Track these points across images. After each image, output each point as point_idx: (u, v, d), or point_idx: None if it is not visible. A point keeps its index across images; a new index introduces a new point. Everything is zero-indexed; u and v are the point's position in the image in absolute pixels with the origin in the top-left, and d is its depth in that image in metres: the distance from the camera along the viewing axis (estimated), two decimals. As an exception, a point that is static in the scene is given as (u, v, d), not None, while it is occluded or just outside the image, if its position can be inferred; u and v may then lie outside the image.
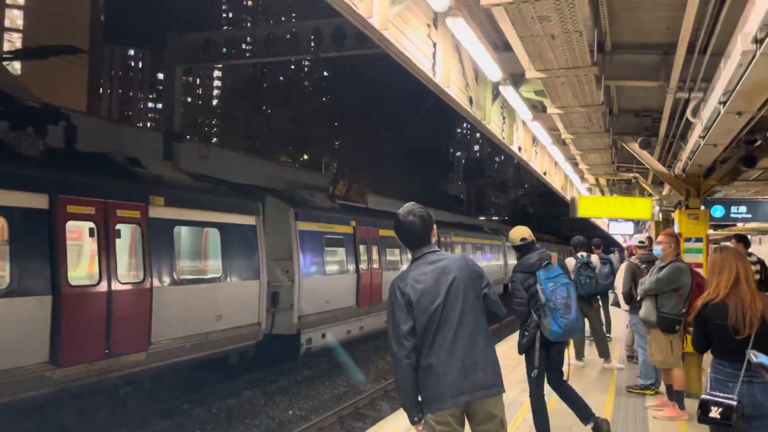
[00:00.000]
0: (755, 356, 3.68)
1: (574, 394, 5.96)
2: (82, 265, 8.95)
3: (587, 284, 9.77)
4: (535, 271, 5.64)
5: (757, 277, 9.10)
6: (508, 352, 8.72)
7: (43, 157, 8.73)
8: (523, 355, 5.93)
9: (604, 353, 10.01)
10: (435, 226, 3.68)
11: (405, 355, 3.41)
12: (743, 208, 13.36)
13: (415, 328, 3.43)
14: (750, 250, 10.05)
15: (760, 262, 9.61)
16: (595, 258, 10.60)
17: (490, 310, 3.62)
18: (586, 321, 9.81)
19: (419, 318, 3.44)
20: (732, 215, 13.31)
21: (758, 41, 3.63)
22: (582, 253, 10.10)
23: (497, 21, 4.86)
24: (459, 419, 3.44)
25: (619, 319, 11.92)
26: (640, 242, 9.14)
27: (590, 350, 10.45)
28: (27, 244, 7.79)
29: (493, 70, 6.49)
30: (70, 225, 8.39)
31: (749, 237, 11.93)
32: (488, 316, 3.62)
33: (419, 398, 3.47)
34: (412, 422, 3.49)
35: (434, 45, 6.20)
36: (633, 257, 8.86)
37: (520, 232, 5.97)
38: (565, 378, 6.06)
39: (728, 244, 8.45)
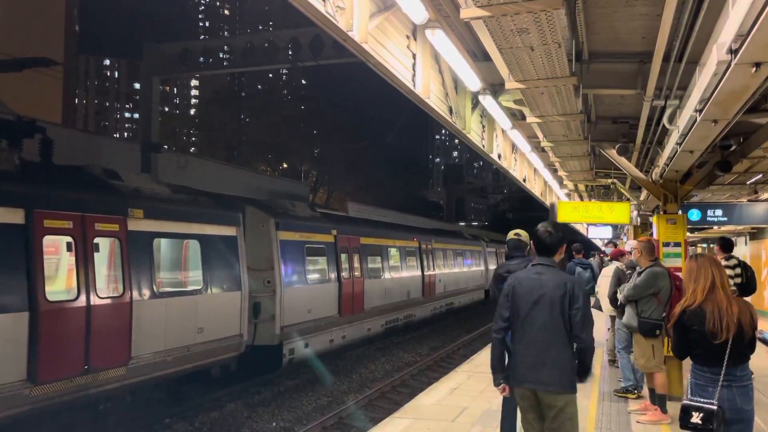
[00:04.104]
0: (759, 333, 3.80)
1: None
2: (59, 279, 8.81)
3: None
4: (504, 281, 5.71)
5: (739, 280, 9.11)
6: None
7: (18, 170, 8.60)
8: None
9: None
10: (564, 246, 4.49)
11: (496, 330, 4.44)
12: (719, 212, 13.58)
13: (510, 316, 4.35)
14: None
15: (741, 264, 9.49)
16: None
17: (573, 332, 4.23)
18: None
19: (513, 310, 4.33)
20: (708, 218, 13.51)
21: (733, 51, 3.69)
22: None
23: (476, 33, 4.89)
24: (532, 399, 4.29)
25: (600, 323, 12.00)
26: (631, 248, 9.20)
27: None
28: (3, 260, 7.65)
29: (472, 80, 6.53)
30: (47, 239, 8.26)
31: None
32: (571, 336, 4.23)
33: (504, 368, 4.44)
34: (495, 384, 4.50)
35: (414, 56, 6.24)
36: (619, 262, 8.92)
37: (515, 230, 6.00)
38: None
39: (714, 248, 8.51)
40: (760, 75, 3.89)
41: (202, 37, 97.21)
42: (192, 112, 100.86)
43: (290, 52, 19.26)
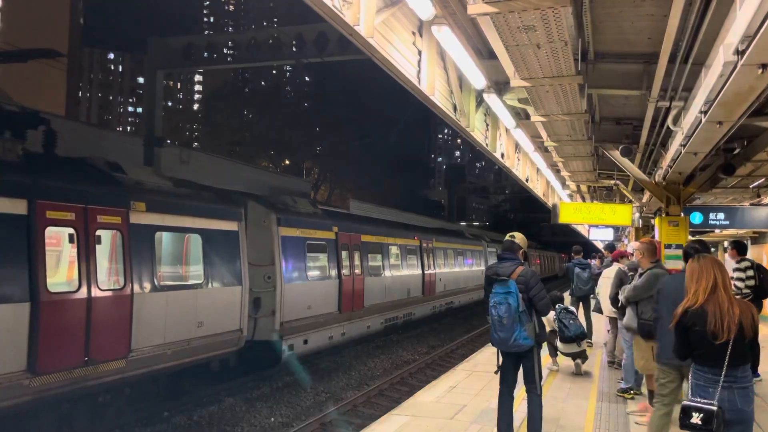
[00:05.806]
0: None
1: (535, 416, 5.97)
2: (61, 271, 8.81)
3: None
4: (492, 283, 5.87)
5: (752, 282, 9.01)
6: (492, 357, 8.73)
7: (21, 161, 8.60)
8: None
9: (552, 353, 10.34)
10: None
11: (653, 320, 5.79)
12: (721, 215, 13.53)
13: (658, 310, 5.53)
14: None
15: (754, 267, 9.25)
16: None
17: None
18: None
19: (660, 306, 5.47)
20: (710, 222, 13.47)
21: (740, 53, 3.69)
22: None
23: (482, 30, 4.88)
24: (675, 372, 5.45)
25: (599, 324, 12.02)
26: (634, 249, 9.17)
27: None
28: (5, 251, 7.66)
29: (477, 78, 6.53)
30: (50, 231, 8.26)
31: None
32: None
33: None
34: None
35: (419, 53, 6.23)
36: (620, 263, 8.92)
37: (511, 233, 6.17)
38: (538, 392, 6.02)
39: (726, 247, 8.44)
40: (766, 76, 3.88)
41: (207, 32, 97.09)
42: (195, 107, 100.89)
43: (294, 49, 19.23)
